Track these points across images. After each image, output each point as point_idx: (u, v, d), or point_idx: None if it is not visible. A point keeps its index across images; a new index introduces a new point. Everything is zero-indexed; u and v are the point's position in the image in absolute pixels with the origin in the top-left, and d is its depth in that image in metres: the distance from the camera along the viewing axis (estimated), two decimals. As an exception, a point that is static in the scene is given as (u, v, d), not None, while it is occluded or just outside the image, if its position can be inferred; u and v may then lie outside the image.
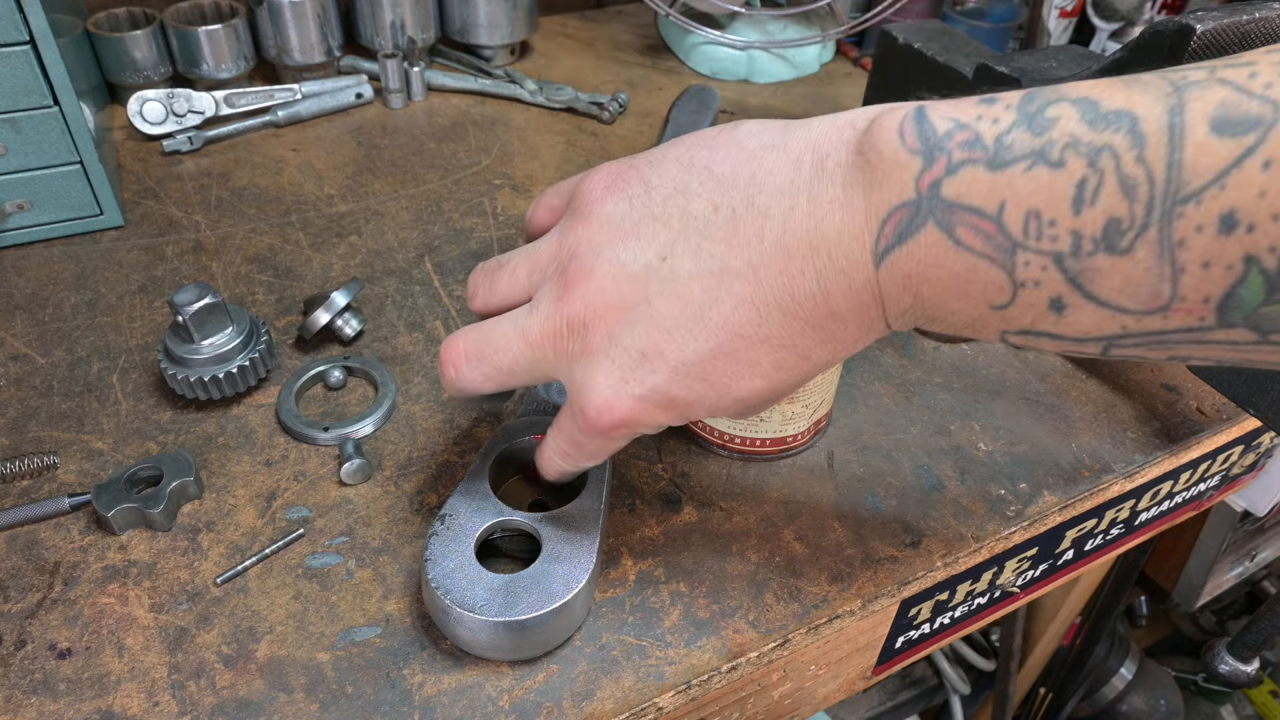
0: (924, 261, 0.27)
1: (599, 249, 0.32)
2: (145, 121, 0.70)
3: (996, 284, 0.26)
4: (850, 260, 0.28)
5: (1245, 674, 0.57)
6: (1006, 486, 0.47)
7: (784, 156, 0.30)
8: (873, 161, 0.27)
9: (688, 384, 0.31)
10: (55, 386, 0.50)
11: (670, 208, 0.31)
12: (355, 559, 0.42)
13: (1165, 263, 0.23)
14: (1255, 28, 0.44)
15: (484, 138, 0.76)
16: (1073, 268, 0.25)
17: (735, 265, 0.29)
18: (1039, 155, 0.25)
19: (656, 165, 0.33)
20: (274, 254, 0.61)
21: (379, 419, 0.48)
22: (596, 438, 0.33)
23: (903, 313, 0.29)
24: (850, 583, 0.42)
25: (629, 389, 0.31)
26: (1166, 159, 0.23)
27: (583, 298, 0.31)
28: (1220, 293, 0.23)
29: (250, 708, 0.36)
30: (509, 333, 0.34)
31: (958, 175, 0.26)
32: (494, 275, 0.36)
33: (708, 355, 0.30)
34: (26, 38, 0.53)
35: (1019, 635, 1.17)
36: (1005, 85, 0.55)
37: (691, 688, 0.38)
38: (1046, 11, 0.85)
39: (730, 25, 0.88)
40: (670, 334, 0.30)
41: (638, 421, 0.32)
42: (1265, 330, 0.24)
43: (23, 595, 0.40)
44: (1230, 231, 0.22)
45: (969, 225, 0.25)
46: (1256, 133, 0.22)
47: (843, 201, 0.28)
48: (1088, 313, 0.25)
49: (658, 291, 0.30)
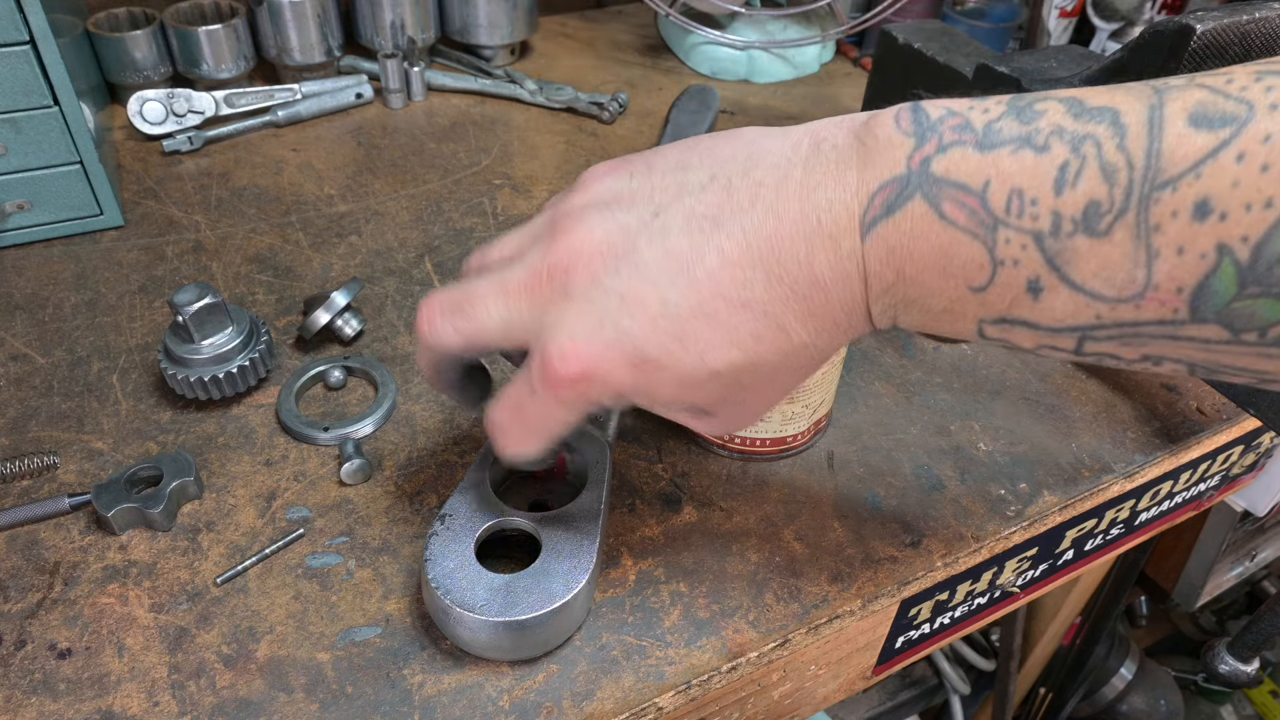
0: (909, 234, 0.27)
1: (593, 207, 0.32)
2: (145, 121, 0.70)
3: (977, 261, 0.27)
4: (839, 227, 0.28)
5: (1245, 674, 0.57)
6: (1006, 486, 0.47)
7: (784, 141, 0.31)
8: (867, 143, 0.28)
9: (662, 341, 0.29)
10: (55, 386, 0.50)
11: (669, 179, 0.32)
12: (355, 559, 0.42)
13: (1141, 246, 0.24)
14: (1255, 28, 0.44)
15: (484, 138, 0.76)
16: (1052, 248, 0.25)
17: (726, 225, 0.29)
18: (1025, 140, 0.26)
19: (660, 152, 0.33)
20: (274, 254, 0.61)
21: (379, 419, 0.48)
22: (548, 395, 0.31)
23: (884, 291, 0.29)
24: (850, 583, 0.42)
25: (601, 334, 0.29)
26: (1146, 147, 0.24)
27: (568, 244, 0.31)
28: (1193, 282, 0.24)
29: (250, 708, 0.36)
30: (488, 283, 0.33)
31: (947, 154, 0.27)
32: (489, 247, 0.36)
33: (688, 313, 0.29)
34: (26, 38, 0.53)
35: (1019, 635, 1.17)
36: (1005, 85, 0.55)
37: (691, 688, 0.38)
38: (1046, 11, 0.85)
39: (730, 25, 0.88)
40: (654, 284, 0.29)
41: (599, 376, 0.30)
42: (1237, 328, 0.24)
43: (23, 595, 0.40)
44: (1204, 218, 0.23)
45: (954, 200, 0.26)
46: (1231, 127, 0.23)
47: (836, 175, 0.29)
48: (1063, 297, 0.26)
49: (646, 242, 0.30)
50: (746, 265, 0.29)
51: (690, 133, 0.74)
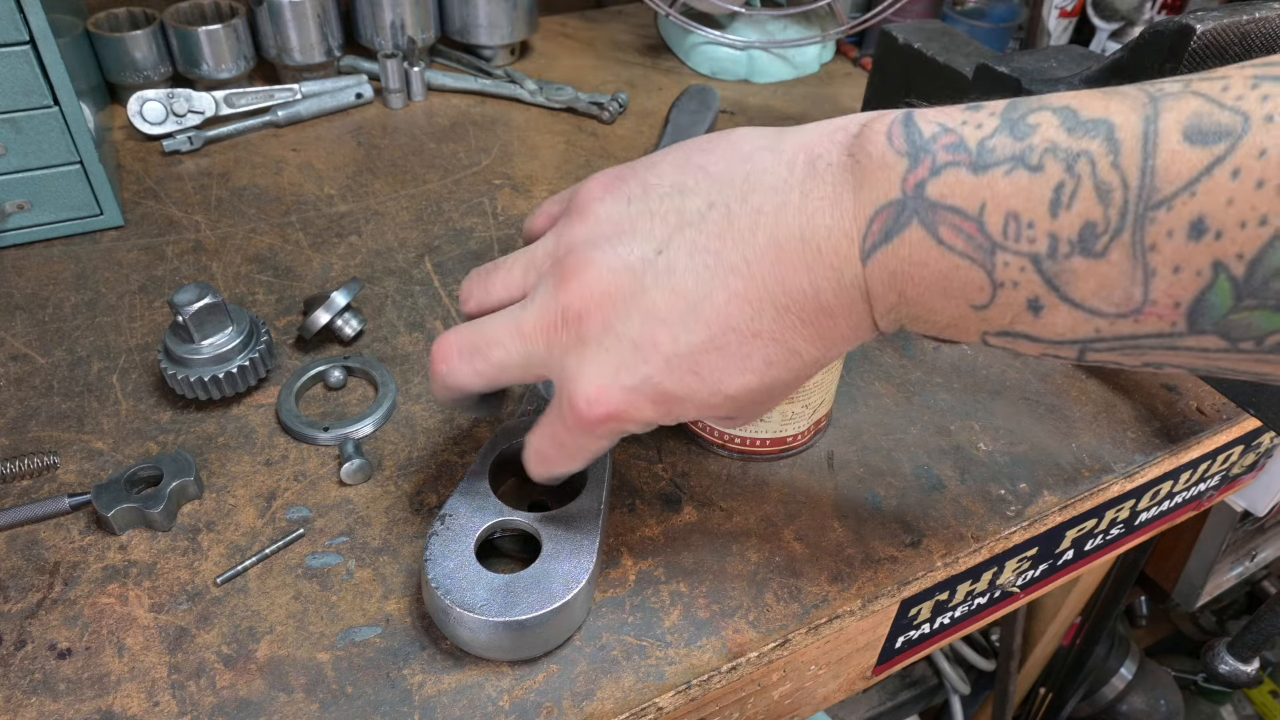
0: (908, 260, 0.27)
1: (596, 243, 0.32)
2: (145, 121, 0.70)
3: (977, 284, 0.27)
4: (839, 256, 0.28)
5: (1245, 674, 0.57)
6: (1006, 486, 0.47)
7: (778, 158, 0.30)
8: (861, 162, 0.28)
9: (679, 376, 0.31)
10: (55, 386, 0.50)
11: (667, 205, 0.32)
12: (355, 559, 0.42)
13: (1138, 266, 0.24)
14: (1255, 28, 0.44)
15: (484, 138, 0.76)
16: (1050, 269, 0.25)
17: (730, 260, 0.30)
18: (1019, 159, 0.25)
19: (654, 167, 0.33)
20: (274, 254, 0.61)
21: (379, 419, 0.48)
22: (581, 434, 0.33)
23: (888, 310, 0.29)
24: (850, 583, 0.42)
25: (620, 379, 0.31)
26: (1140, 165, 0.24)
27: (579, 289, 0.31)
28: (1190, 298, 0.24)
29: (250, 708, 0.36)
30: (503, 327, 0.34)
31: (941, 176, 0.26)
32: (489, 276, 0.36)
33: (700, 348, 0.30)
34: (26, 38, 0.53)
35: (1019, 635, 1.17)
36: (1005, 85, 0.55)
37: (691, 688, 0.38)
38: (1046, 11, 0.85)
39: (730, 25, 0.88)
40: (665, 325, 0.30)
41: (626, 415, 0.32)
42: (1234, 338, 0.24)
43: (23, 595, 0.40)
44: (1199, 237, 0.23)
45: (951, 225, 0.26)
46: (1226, 142, 0.23)
47: (833, 199, 0.28)
48: (1064, 314, 0.26)
49: (653, 283, 0.30)
50: (754, 299, 0.29)
51: (690, 133, 0.74)
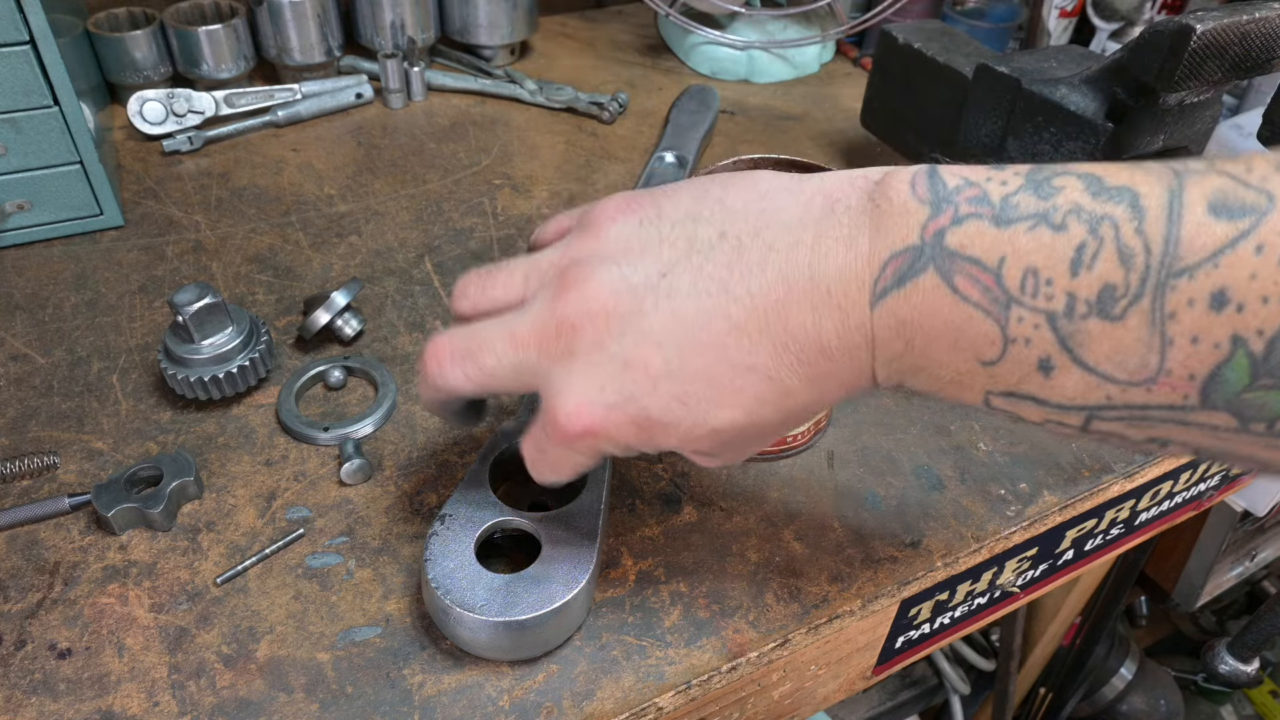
0: (919, 307, 0.27)
1: (602, 260, 0.32)
2: (145, 121, 0.70)
3: (988, 337, 0.26)
4: (848, 298, 0.28)
5: (1245, 674, 0.57)
6: (1006, 486, 0.47)
7: (796, 198, 0.30)
8: (882, 207, 0.28)
9: (665, 402, 0.30)
10: (55, 386, 0.50)
11: (678, 231, 0.31)
12: (355, 559, 0.42)
13: (1155, 333, 0.24)
14: (1255, 28, 0.44)
15: (484, 138, 0.76)
16: (1065, 329, 0.25)
17: (735, 291, 0.29)
18: (1042, 217, 0.25)
19: (671, 195, 0.33)
20: (274, 254, 0.61)
21: (379, 419, 0.48)
22: (559, 446, 0.32)
23: (892, 359, 0.29)
24: (850, 583, 0.42)
25: (604, 397, 0.30)
26: (1164, 233, 0.24)
27: (577, 301, 0.31)
28: (1206, 371, 0.24)
29: (250, 708, 0.36)
30: (496, 332, 0.33)
31: (962, 226, 0.26)
32: (489, 277, 0.36)
33: (691, 375, 0.30)
34: (26, 38, 0.53)
35: (1019, 635, 1.17)
36: (1005, 85, 0.55)
37: (691, 688, 0.38)
38: (1046, 11, 0.85)
39: (730, 25, 0.88)
40: (658, 347, 0.30)
41: (604, 433, 0.31)
42: (1247, 417, 0.24)
43: (23, 595, 0.40)
44: (1221, 309, 0.23)
45: (968, 275, 0.26)
46: (1251, 218, 0.23)
47: (847, 241, 0.28)
48: (1075, 377, 0.26)
49: (653, 305, 0.30)
50: (754, 332, 0.29)
51: (690, 133, 0.74)
